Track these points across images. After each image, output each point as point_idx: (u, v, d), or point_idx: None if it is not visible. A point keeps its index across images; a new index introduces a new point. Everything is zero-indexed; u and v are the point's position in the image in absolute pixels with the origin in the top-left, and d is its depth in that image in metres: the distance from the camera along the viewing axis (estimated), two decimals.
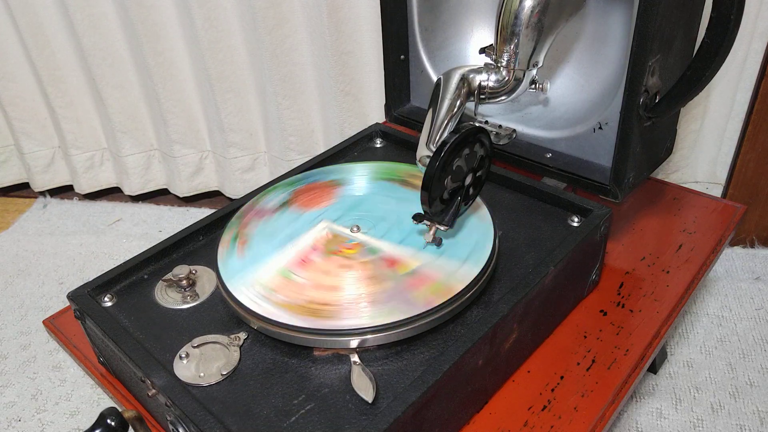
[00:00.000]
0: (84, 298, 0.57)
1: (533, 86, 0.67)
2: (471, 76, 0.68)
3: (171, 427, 0.49)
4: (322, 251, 0.58)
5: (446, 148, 0.51)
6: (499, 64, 0.66)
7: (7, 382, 0.95)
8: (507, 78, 0.66)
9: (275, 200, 0.66)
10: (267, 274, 0.56)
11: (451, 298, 0.52)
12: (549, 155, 0.74)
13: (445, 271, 0.55)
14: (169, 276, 0.59)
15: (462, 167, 0.54)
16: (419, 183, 0.53)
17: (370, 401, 0.47)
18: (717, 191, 1.09)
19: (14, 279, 1.16)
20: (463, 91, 0.67)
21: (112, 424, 0.46)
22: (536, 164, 0.73)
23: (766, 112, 0.95)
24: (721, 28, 0.58)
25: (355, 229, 0.60)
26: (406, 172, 0.69)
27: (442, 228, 0.55)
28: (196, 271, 0.60)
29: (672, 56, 0.64)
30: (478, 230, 0.59)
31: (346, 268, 0.56)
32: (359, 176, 0.69)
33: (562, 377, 0.57)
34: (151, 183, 1.34)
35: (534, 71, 0.66)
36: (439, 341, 0.52)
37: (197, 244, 0.65)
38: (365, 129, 0.81)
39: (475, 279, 0.54)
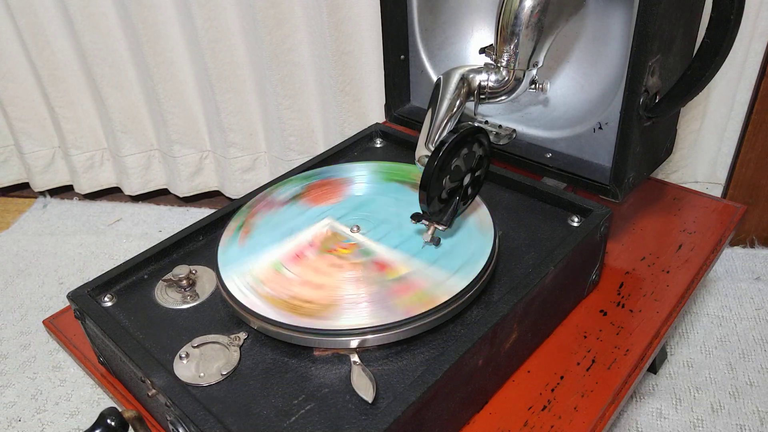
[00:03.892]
0: (84, 298, 0.57)
1: (533, 86, 0.67)
2: (471, 76, 0.68)
3: (171, 427, 0.49)
4: (325, 250, 0.58)
5: (444, 147, 0.51)
6: (499, 64, 0.66)
7: (7, 382, 0.95)
8: (507, 78, 0.66)
9: (280, 197, 0.66)
10: (268, 275, 0.56)
11: (451, 298, 0.52)
12: (549, 155, 0.74)
13: (444, 271, 0.55)
14: (169, 276, 0.59)
15: (460, 167, 0.54)
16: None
17: (370, 401, 0.47)
18: (717, 191, 1.09)
19: (14, 279, 1.16)
20: (463, 91, 0.67)
21: (112, 424, 0.46)
22: (536, 164, 0.73)
23: (766, 112, 0.95)
24: (721, 28, 0.58)
25: (355, 229, 0.60)
26: (417, 175, 0.69)
27: (440, 227, 0.55)
28: (196, 271, 0.60)
29: (672, 56, 0.64)
30: (478, 230, 0.59)
31: (347, 268, 0.56)
32: (367, 176, 0.69)
33: (562, 377, 0.57)
34: (151, 183, 1.34)
35: (534, 71, 0.66)
36: (439, 341, 0.52)
37: (197, 244, 0.65)
38: (365, 129, 0.81)
39: (475, 279, 0.54)
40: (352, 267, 0.56)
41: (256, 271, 0.56)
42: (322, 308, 0.52)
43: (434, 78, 0.84)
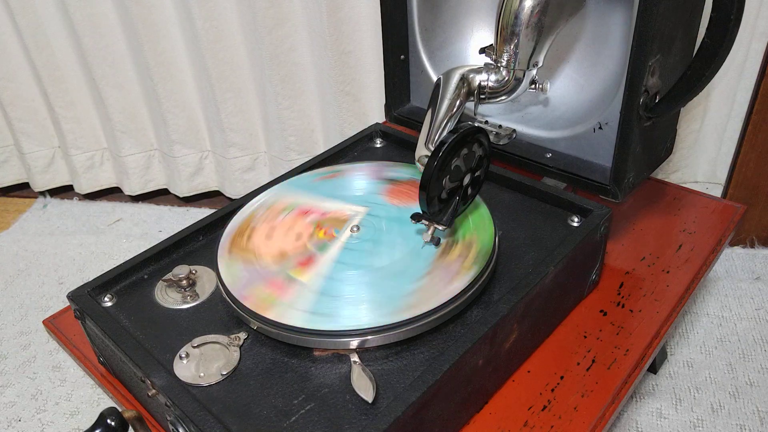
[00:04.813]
0: (84, 298, 0.57)
1: (533, 86, 0.67)
2: (471, 76, 0.68)
3: (171, 427, 0.49)
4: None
5: (444, 147, 0.51)
6: (499, 64, 0.66)
7: (7, 382, 0.95)
8: (507, 78, 0.66)
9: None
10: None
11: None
12: (549, 155, 0.74)
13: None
14: (169, 276, 0.59)
15: (460, 167, 0.54)
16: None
17: (370, 401, 0.47)
18: (717, 191, 1.09)
19: (14, 279, 1.16)
20: (463, 91, 0.67)
21: (112, 424, 0.46)
22: (536, 164, 0.73)
23: (766, 112, 0.95)
24: (721, 28, 0.58)
25: (354, 229, 0.60)
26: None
27: (440, 228, 0.55)
28: (196, 271, 0.60)
29: (672, 56, 0.64)
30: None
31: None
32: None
33: (562, 377, 0.58)
34: (151, 183, 1.34)
35: (534, 71, 0.66)
36: (439, 341, 0.52)
37: (197, 244, 0.65)
38: (365, 129, 0.81)
39: (475, 279, 0.54)
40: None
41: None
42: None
43: (434, 78, 0.84)
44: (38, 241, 1.25)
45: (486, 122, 0.80)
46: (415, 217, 0.56)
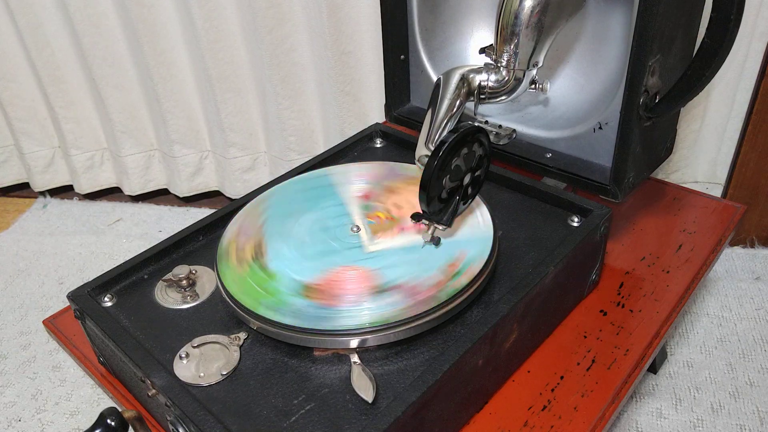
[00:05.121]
0: (84, 298, 0.57)
1: (533, 86, 0.67)
2: (471, 76, 0.68)
3: (171, 427, 0.49)
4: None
5: (444, 147, 0.51)
6: (499, 64, 0.66)
7: (7, 382, 0.95)
8: (507, 78, 0.66)
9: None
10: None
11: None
12: (549, 155, 0.74)
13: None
14: (169, 276, 0.59)
15: (460, 167, 0.54)
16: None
17: (370, 401, 0.47)
18: (717, 191, 1.09)
19: (14, 279, 1.16)
20: (463, 90, 0.67)
21: (112, 424, 0.46)
22: (536, 164, 0.73)
23: (766, 112, 0.95)
24: (721, 28, 0.58)
25: (355, 228, 0.60)
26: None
27: (440, 227, 0.55)
28: (196, 271, 0.60)
29: (672, 56, 0.64)
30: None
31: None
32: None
33: (562, 377, 0.57)
34: (151, 183, 1.34)
35: (534, 71, 0.66)
36: (439, 341, 0.52)
37: (197, 244, 0.65)
38: (365, 129, 0.81)
39: (475, 279, 0.54)
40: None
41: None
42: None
43: (434, 78, 0.84)
44: (38, 241, 1.25)
45: (486, 122, 0.80)
46: (416, 217, 0.56)
